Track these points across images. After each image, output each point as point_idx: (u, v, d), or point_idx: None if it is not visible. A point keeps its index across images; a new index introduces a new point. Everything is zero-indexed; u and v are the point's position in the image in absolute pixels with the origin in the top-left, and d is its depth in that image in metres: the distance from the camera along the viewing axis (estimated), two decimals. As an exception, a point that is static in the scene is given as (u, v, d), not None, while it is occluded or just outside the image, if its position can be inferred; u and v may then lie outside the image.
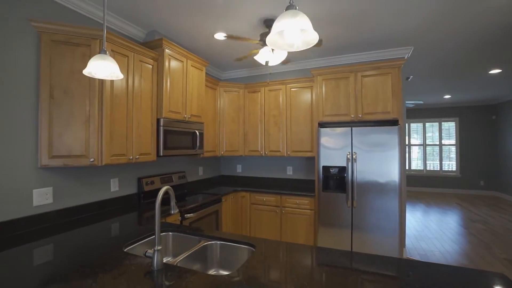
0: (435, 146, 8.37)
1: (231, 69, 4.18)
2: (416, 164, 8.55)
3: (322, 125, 3.20)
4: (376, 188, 2.78)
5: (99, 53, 1.37)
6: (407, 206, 6.37)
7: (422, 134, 8.51)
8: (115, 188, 2.52)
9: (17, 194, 1.81)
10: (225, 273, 1.59)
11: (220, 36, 2.86)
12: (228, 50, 3.32)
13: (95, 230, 1.83)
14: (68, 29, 1.91)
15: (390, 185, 2.73)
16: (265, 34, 2.47)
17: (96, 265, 1.27)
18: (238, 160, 4.31)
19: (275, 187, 3.66)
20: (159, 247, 1.23)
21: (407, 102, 5.74)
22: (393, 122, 2.89)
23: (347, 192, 2.89)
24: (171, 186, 3.13)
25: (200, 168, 3.89)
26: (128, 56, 2.26)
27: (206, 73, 3.97)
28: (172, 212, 1.43)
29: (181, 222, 2.46)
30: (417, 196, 7.54)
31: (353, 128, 2.87)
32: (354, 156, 2.86)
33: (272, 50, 2.46)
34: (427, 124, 8.49)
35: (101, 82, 2.02)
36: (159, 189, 2.95)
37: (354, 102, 2.97)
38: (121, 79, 2.20)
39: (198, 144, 3.08)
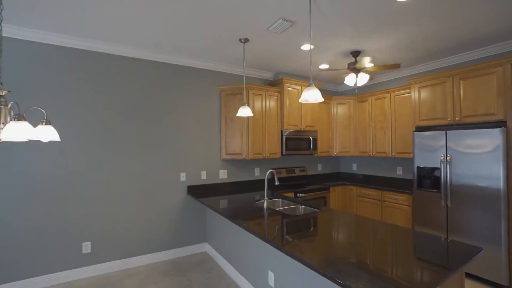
0: None
1: (344, 84, 4.95)
2: None
3: (418, 128, 3.44)
4: (473, 191, 2.81)
5: (243, 105, 2.85)
6: None
7: None
8: (257, 174, 4.12)
9: (213, 172, 3.71)
10: (306, 225, 2.67)
11: (323, 66, 3.85)
12: (329, 73, 4.22)
13: (245, 194, 3.42)
14: (231, 87, 3.63)
15: (491, 189, 2.70)
16: (351, 63, 3.24)
17: (242, 207, 2.74)
18: (354, 159, 4.99)
19: (385, 184, 4.11)
20: (266, 199, 2.54)
21: None
22: (497, 124, 2.77)
23: (441, 192, 3.06)
24: (293, 176, 4.43)
25: (319, 165, 4.96)
26: (262, 94, 3.76)
27: (324, 89, 5.00)
28: (276, 183, 2.70)
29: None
30: None
31: (447, 131, 3.01)
32: (448, 158, 3.00)
33: (356, 76, 3.21)
34: None
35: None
36: (284, 177, 4.33)
37: (452, 105, 3.07)
38: (258, 108, 3.72)
39: (311, 146, 4.19)
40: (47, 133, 1.59)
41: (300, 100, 2.02)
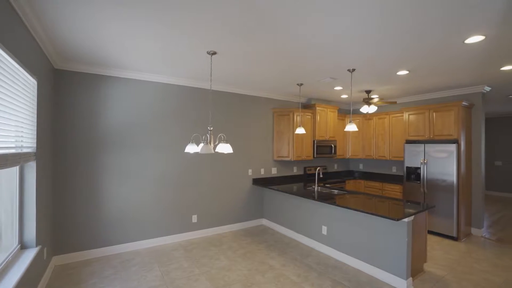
0: None
1: (356, 105, 6.69)
2: None
3: (407, 141, 5.19)
4: (439, 183, 4.57)
5: (299, 126, 4.52)
6: (549, 214, 6.30)
7: None
8: (295, 170, 5.82)
9: (267, 169, 5.39)
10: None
11: (344, 96, 5.57)
12: (346, 98, 5.94)
13: (290, 184, 5.11)
14: (281, 109, 5.32)
15: (449, 181, 4.46)
16: (366, 99, 4.96)
17: (293, 191, 4.44)
18: (361, 161, 6.74)
19: (384, 179, 5.85)
20: (316, 185, 4.24)
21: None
22: (453, 141, 4.54)
23: (421, 183, 4.82)
24: (318, 172, 6.15)
25: (335, 164, 6.69)
26: (301, 115, 5.45)
27: (342, 108, 6.73)
28: (320, 176, 4.39)
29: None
30: None
31: (425, 144, 4.76)
32: (425, 161, 4.75)
33: (368, 107, 4.93)
34: None
35: (293, 128, 5.29)
36: (312, 173, 6.04)
37: (428, 127, 4.82)
38: (300, 123, 5.40)
39: (333, 151, 5.91)
40: (227, 148, 3.23)
41: (345, 129, 3.71)
